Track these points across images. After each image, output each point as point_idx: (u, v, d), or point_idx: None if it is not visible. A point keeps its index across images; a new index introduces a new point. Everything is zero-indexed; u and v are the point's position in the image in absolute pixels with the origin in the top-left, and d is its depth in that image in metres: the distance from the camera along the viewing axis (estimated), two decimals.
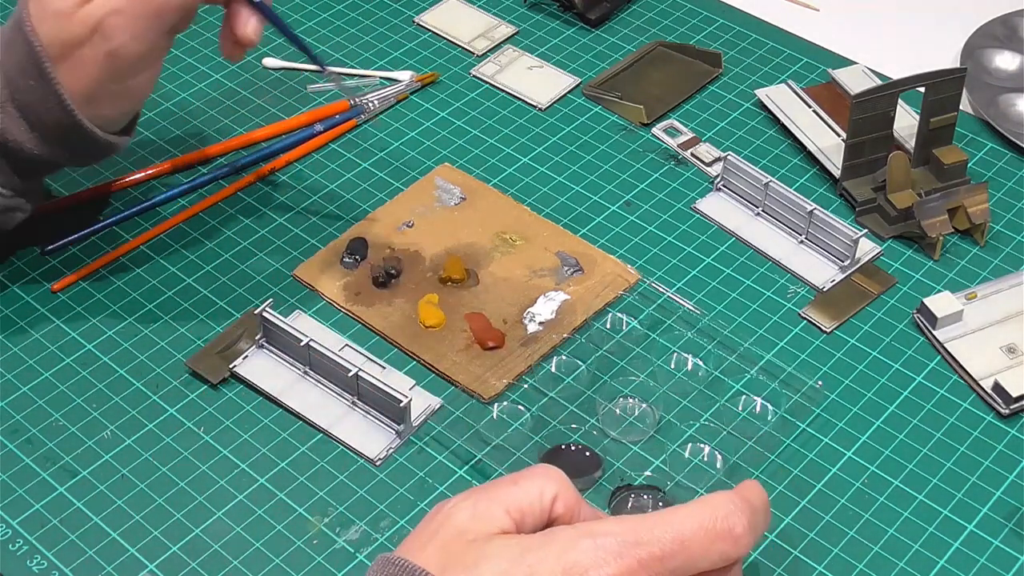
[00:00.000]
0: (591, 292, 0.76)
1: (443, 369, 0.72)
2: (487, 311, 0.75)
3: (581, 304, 0.76)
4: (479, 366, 0.72)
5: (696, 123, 0.88)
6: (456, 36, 0.94)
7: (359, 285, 0.76)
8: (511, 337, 0.74)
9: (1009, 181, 0.84)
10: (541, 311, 0.75)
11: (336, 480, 0.67)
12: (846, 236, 0.77)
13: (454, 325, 0.74)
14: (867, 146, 0.81)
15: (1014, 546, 0.65)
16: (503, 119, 0.88)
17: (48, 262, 0.78)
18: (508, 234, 0.79)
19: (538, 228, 0.80)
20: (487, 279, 0.77)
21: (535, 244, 0.79)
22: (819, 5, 0.99)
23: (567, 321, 0.75)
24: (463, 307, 0.75)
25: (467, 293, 0.76)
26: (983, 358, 0.73)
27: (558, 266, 0.78)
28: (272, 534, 0.65)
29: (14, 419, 0.69)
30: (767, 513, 0.57)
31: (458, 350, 0.73)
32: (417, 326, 0.74)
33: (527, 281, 0.77)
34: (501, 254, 0.78)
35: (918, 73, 0.80)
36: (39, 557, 0.64)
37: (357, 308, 0.75)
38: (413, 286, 0.76)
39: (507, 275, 0.77)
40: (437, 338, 0.74)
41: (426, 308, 0.75)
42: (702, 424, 0.69)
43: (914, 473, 0.68)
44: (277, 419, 0.70)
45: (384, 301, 0.75)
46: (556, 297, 0.76)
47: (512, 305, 0.75)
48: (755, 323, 0.75)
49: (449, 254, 0.78)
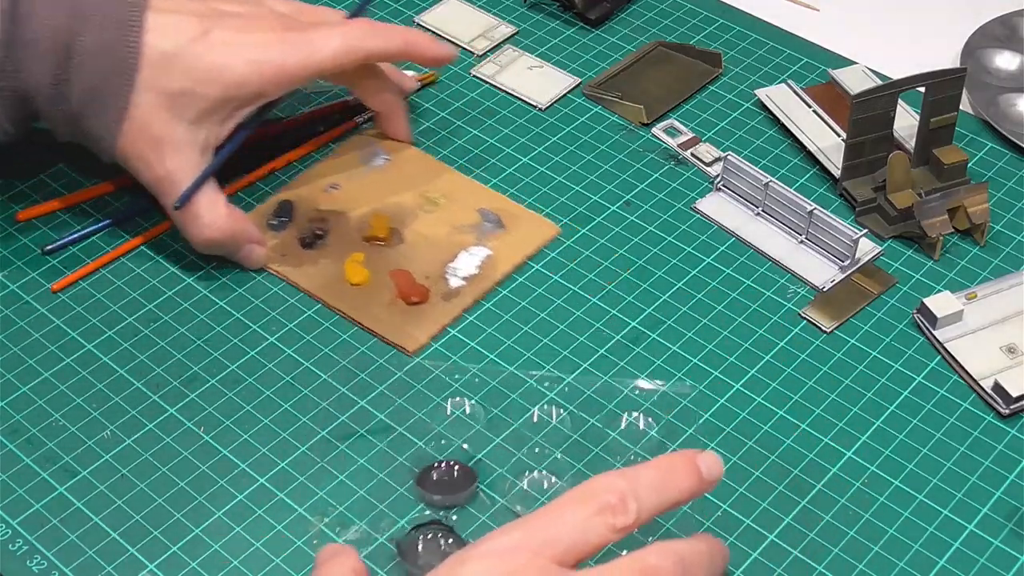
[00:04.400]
0: (511, 246, 0.79)
1: (367, 324, 0.74)
2: (412, 268, 0.77)
3: (502, 258, 0.78)
4: (402, 320, 0.74)
5: (696, 123, 0.88)
6: (456, 36, 0.94)
7: (285, 247, 0.78)
8: (435, 292, 0.76)
9: (1009, 181, 0.84)
10: (463, 266, 0.77)
11: (336, 480, 0.67)
12: (846, 236, 0.77)
13: (379, 282, 0.76)
14: (867, 146, 0.81)
15: (1014, 546, 0.65)
16: (503, 119, 0.88)
17: (48, 262, 0.78)
18: (432, 193, 0.82)
19: (462, 187, 0.82)
20: (411, 237, 0.79)
21: (458, 202, 0.81)
22: (819, 5, 0.99)
23: (489, 275, 0.77)
24: (388, 265, 0.77)
25: (392, 251, 0.78)
26: (983, 358, 0.73)
27: (479, 222, 0.80)
28: (272, 534, 0.65)
29: (14, 419, 0.69)
30: (666, 478, 0.54)
31: (382, 305, 0.75)
32: (343, 284, 0.76)
33: (449, 238, 0.79)
34: (425, 212, 0.80)
35: (918, 73, 0.80)
36: (39, 557, 0.64)
37: (284, 268, 0.77)
38: (339, 246, 0.78)
39: (430, 232, 0.79)
40: (362, 294, 0.76)
41: (352, 267, 0.77)
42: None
43: (914, 473, 0.68)
44: (277, 418, 0.70)
45: (310, 261, 0.77)
46: (478, 252, 0.78)
47: (435, 262, 0.78)
48: (755, 323, 0.75)
49: (375, 214, 0.80)
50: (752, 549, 0.64)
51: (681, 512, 0.65)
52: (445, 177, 0.83)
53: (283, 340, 0.74)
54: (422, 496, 0.66)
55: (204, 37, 0.73)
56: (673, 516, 0.65)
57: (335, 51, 0.75)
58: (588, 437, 0.69)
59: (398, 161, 0.84)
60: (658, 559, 0.52)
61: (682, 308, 0.76)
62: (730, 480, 0.67)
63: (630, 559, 0.52)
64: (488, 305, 0.76)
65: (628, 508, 0.52)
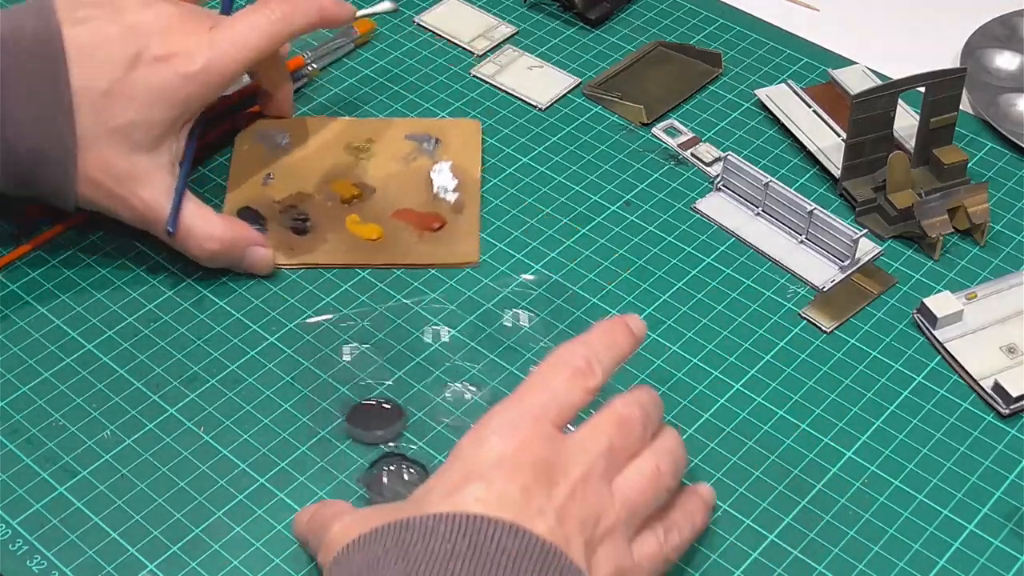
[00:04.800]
0: (462, 152, 0.83)
1: (422, 262, 0.77)
2: (403, 206, 0.79)
3: (465, 162, 0.82)
4: (446, 246, 0.77)
5: (696, 123, 0.88)
6: (456, 36, 0.94)
7: (283, 242, 0.78)
8: (444, 212, 0.79)
9: (1009, 181, 0.84)
10: (442, 182, 0.81)
11: (336, 480, 0.67)
12: (846, 236, 0.77)
13: (391, 229, 0.78)
14: (867, 146, 0.81)
15: (1014, 546, 0.65)
16: (503, 119, 0.88)
17: (48, 262, 0.77)
18: (355, 143, 0.83)
19: (369, 128, 0.85)
20: (377, 184, 0.81)
21: (382, 140, 0.84)
22: (819, 5, 0.99)
23: (470, 180, 0.81)
24: (381, 214, 0.79)
25: (374, 201, 0.80)
26: (983, 358, 0.73)
27: (418, 146, 0.83)
28: (272, 534, 0.65)
29: (14, 419, 0.69)
30: (611, 339, 0.62)
31: (415, 243, 0.77)
32: (364, 244, 0.77)
33: (409, 168, 0.82)
34: (366, 160, 0.82)
35: (918, 73, 0.80)
36: (39, 557, 0.64)
37: (300, 258, 0.77)
38: (327, 219, 0.79)
39: (388, 172, 0.82)
40: (388, 244, 0.78)
41: (358, 227, 0.78)
42: None
43: (914, 473, 0.68)
44: (277, 418, 0.70)
45: (319, 240, 0.78)
46: (442, 167, 0.82)
47: (416, 191, 0.80)
48: (755, 323, 0.75)
49: (327, 181, 0.81)
50: (752, 549, 0.64)
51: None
52: (344, 126, 0.85)
53: (283, 340, 0.74)
54: (362, 437, 0.68)
55: (134, 64, 0.71)
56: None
57: (263, 38, 0.74)
58: (484, 344, 0.74)
59: (297, 134, 0.84)
60: (625, 407, 0.60)
61: (682, 308, 0.76)
62: (730, 480, 0.67)
63: (606, 413, 0.60)
64: (488, 306, 0.76)
65: (594, 370, 0.60)
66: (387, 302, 0.75)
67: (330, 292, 0.76)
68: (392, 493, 0.65)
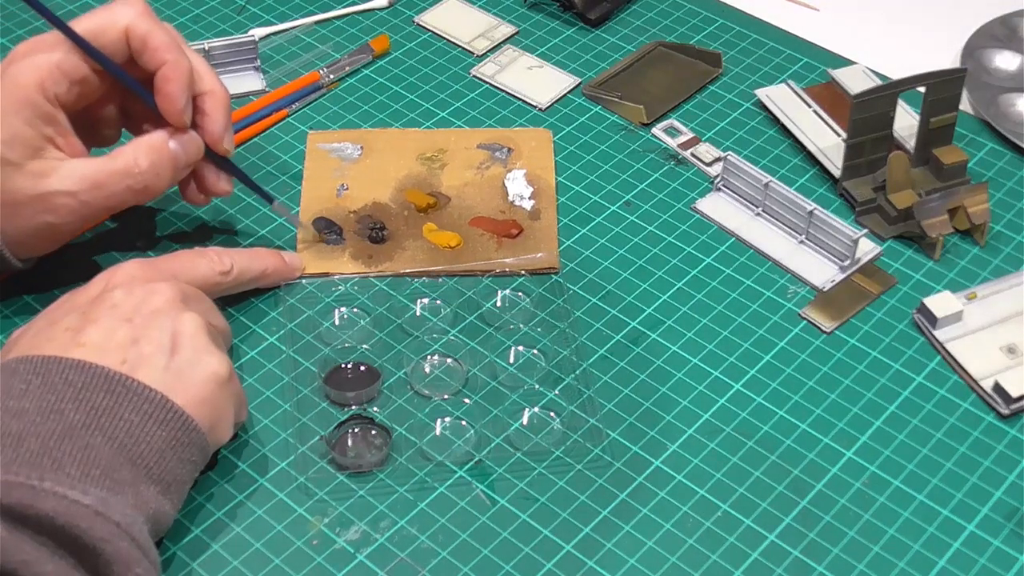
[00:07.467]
0: (535, 160, 0.84)
1: (507, 268, 0.77)
2: (479, 214, 0.80)
3: (539, 169, 0.83)
4: (526, 252, 0.78)
5: (696, 123, 0.88)
6: (456, 36, 0.94)
7: (361, 251, 0.78)
8: (520, 219, 0.80)
9: (1009, 181, 0.84)
10: (517, 190, 0.81)
11: (336, 480, 0.67)
12: (846, 236, 0.77)
13: (470, 236, 0.78)
14: (867, 146, 0.81)
15: (1014, 546, 0.65)
16: (503, 119, 0.88)
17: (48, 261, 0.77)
18: (427, 153, 0.84)
19: (441, 138, 0.85)
20: (451, 192, 0.81)
21: (453, 150, 0.84)
22: (819, 5, 0.99)
23: (545, 187, 0.82)
24: (457, 222, 0.79)
25: (450, 210, 0.80)
26: (983, 358, 0.73)
27: (490, 155, 0.84)
28: (272, 534, 0.65)
29: None
30: (254, 254, 0.73)
31: (495, 249, 0.78)
32: (444, 252, 0.78)
33: (483, 177, 0.82)
34: (439, 169, 0.83)
35: (918, 73, 0.80)
36: None
37: (386, 265, 0.77)
38: (404, 228, 0.79)
39: (462, 181, 0.82)
40: (468, 251, 0.78)
41: (437, 235, 0.79)
42: None
43: (914, 473, 0.68)
44: (278, 418, 0.70)
45: (398, 248, 0.78)
46: (517, 175, 0.82)
47: (492, 199, 0.81)
48: (755, 323, 0.75)
49: (401, 191, 0.81)
50: (752, 549, 0.64)
51: (681, 513, 0.65)
52: (416, 137, 0.85)
53: (283, 340, 0.74)
54: (338, 397, 0.70)
55: None
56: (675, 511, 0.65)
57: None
58: (469, 323, 0.75)
59: (367, 144, 0.84)
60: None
61: (682, 308, 0.76)
62: (730, 480, 0.67)
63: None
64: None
65: (224, 260, 0.71)
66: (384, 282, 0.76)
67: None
68: (355, 454, 0.68)
